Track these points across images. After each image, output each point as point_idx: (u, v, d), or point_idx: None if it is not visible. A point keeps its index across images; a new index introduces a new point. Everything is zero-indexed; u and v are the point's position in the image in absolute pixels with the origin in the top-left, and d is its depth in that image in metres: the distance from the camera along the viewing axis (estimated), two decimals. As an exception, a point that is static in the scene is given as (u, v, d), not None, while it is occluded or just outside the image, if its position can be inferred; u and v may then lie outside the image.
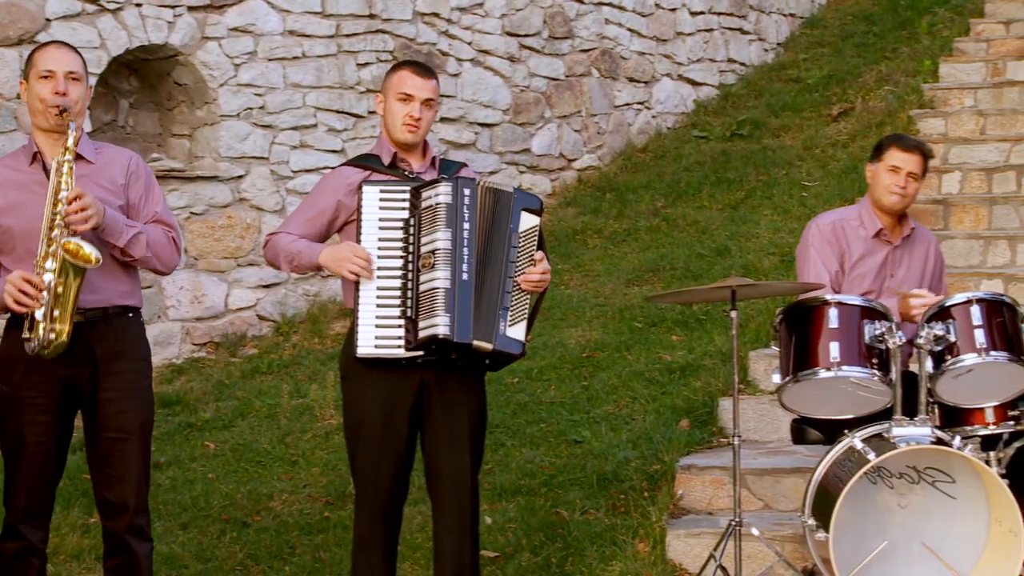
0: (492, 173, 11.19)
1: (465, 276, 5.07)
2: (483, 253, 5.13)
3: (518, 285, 5.16)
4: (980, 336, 5.44)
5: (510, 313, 5.14)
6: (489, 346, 5.09)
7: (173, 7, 9.28)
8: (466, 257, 5.08)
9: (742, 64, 13.97)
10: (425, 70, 5.45)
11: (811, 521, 5.46)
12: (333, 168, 5.66)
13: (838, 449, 5.52)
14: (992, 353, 5.43)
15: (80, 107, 5.13)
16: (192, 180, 9.43)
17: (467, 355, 5.12)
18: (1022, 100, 11.46)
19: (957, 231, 9.60)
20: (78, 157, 5.01)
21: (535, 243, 5.23)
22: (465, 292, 5.06)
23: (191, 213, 9.38)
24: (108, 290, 5.12)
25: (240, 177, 9.67)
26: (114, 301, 5.15)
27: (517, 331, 5.15)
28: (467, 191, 5.12)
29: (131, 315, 5.24)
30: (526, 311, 5.20)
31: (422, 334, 5.04)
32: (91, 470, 5.26)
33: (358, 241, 5.16)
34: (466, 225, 5.10)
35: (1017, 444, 5.65)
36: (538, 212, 5.27)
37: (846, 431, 5.55)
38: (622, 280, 9.99)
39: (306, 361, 9.21)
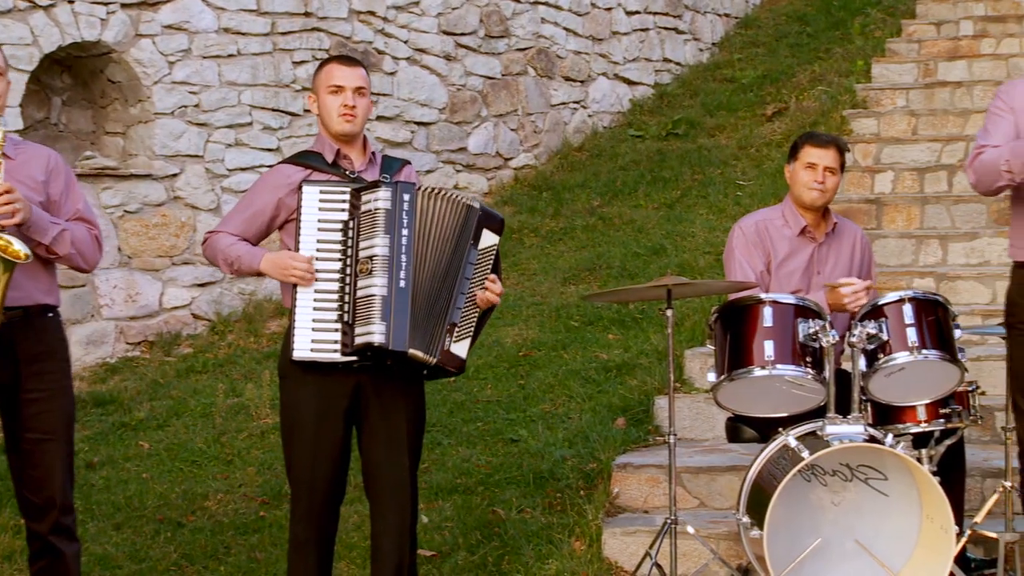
0: (428, 172, 11.19)
1: (403, 283, 5.04)
2: (429, 261, 5.10)
3: (470, 301, 5.16)
4: (912, 334, 5.49)
5: (458, 329, 5.13)
6: (429, 358, 5.07)
7: (106, 4, 9.21)
8: (404, 264, 5.05)
9: (677, 64, 14.03)
10: (351, 60, 5.46)
11: (746, 519, 5.49)
12: (271, 166, 5.62)
13: (772, 447, 5.55)
14: (924, 351, 5.47)
15: (1, 101, 5.10)
16: (126, 178, 9.36)
17: (403, 362, 5.11)
18: (953, 101, 11.59)
19: (889, 230, 9.69)
20: None
21: (491, 261, 5.23)
22: (402, 300, 5.03)
23: (125, 211, 9.32)
24: (29, 287, 5.07)
25: (175, 175, 9.62)
26: (36, 299, 5.11)
27: (461, 348, 5.15)
28: (407, 196, 5.09)
29: (51, 315, 5.20)
30: (472, 328, 5.20)
31: (358, 341, 5.02)
32: (12, 471, 5.20)
33: (297, 242, 5.13)
34: (404, 231, 5.07)
35: (948, 442, 5.71)
36: (499, 230, 5.27)
37: (780, 429, 5.58)
38: (558, 279, 10.01)
39: (241, 360, 9.17)
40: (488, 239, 5.20)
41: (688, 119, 12.77)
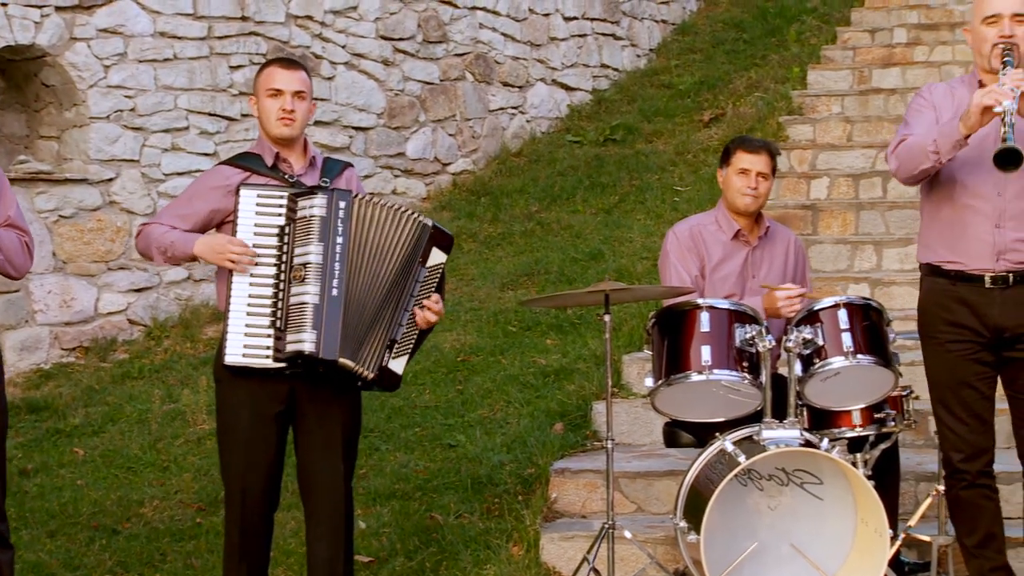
0: (367, 177, 11.16)
1: (335, 292, 5.03)
2: (365, 270, 5.09)
3: (413, 319, 5.16)
4: (847, 339, 5.53)
5: (398, 345, 5.13)
6: (360, 368, 5.06)
7: (40, 7, 9.12)
8: (337, 272, 5.05)
9: (615, 69, 14.08)
10: (291, 63, 5.44)
11: (683, 523, 5.51)
12: (211, 167, 5.59)
13: (709, 452, 5.58)
14: (859, 356, 5.51)
15: None
16: (61, 183, 9.27)
17: (335, 371, 5.09)
18: (887, 107, 11.69)
19: (825, 236, 9.77)
20: None
21: (437, 279, 5.23)
22: (334, 309, 5.02)
23: (60, 216, 9.23)
24: None
25: (110, 180, 9.53)
26: None
27: (398, 364, 5.15)
28: (342, 204, 5.09)
29: None
30: (412, 345, 5.19)
31: (289, 348, 5.02)
32: None
33: (233, 245, 5.11)
34: (339, 240, 5.06)
35: (883, 446, 5.76)
36: (448, 249, 5.26)
37: (717, 434, 5.61)
38: (497, 284, 10.01)
39: (178, 366, 9.11)
40: (437, 257, 5.22)
41: (626, 125, 12.81)
